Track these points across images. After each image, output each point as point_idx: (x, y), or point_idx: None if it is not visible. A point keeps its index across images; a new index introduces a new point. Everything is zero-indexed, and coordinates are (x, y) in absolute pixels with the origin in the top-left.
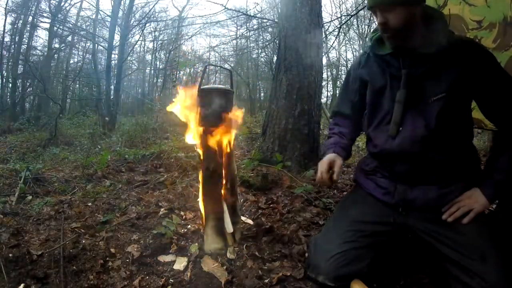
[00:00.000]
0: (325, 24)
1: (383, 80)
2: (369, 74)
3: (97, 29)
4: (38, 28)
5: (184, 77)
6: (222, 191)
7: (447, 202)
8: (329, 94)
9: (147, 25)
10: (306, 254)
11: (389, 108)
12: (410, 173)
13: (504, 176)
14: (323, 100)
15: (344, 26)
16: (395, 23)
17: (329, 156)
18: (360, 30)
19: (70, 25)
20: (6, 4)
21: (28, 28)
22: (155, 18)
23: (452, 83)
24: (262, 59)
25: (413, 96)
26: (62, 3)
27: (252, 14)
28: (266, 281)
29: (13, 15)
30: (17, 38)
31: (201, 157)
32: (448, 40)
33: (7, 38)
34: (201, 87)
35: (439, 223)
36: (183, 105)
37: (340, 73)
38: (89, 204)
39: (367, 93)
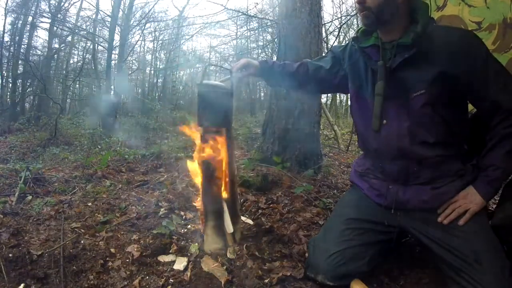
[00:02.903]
0: (325, 24)
1: (364, 75)
2: (352, 69)
3: (97, 29)
4: (38, 28)
5: (184, 77)
6: (222, 191)
7: (442, 203)
8: (329, 94)
9: (147, 25)
10: (306, 254)
11: (372, 102)
12: (402, 172)
13: (499, 173)
14: (323, 100)
15: (344, 26)
16: (373, 2)
17: (250, 60)
18: None
19: (70, 25)
20: (6, 4)
21: (28, 28)
22: (155, 18)
23: (433, 79)
24: (262, 59)
25: (394, 89)
26: (62, 3)
27: (252, 14)
28: (266, 281)
29: (13, 15)
30: (17, 38)
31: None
32: (425, 29)
33: (7, 38)
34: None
35: (434, 224)
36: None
37: None
38: (89, 204)
39: (349, 88)
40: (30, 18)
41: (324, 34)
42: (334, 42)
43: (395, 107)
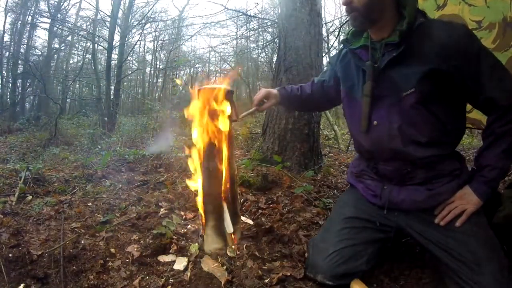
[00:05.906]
0: (325, 24)
1: (355, 75)
2: (343, 71)
3: (97, 29)
4: (38, 28)
5: (184, 77)
6: (222, 191)
7: (437, 204)
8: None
9: (147, 25)
10: (306, 254)
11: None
12: (396, 173)
13: (495, 173)
14: None
15: (345, 26)
16: (359, 2)
17: (270, 89)
18: None
19: (70, 25)
20: (6, 4)
21: (28, 28)
22: (154, 18)
23: (423, 77)
24: (262, 59)
25: (385, 88)
26: (62, 3)
27: (252, 14)
28: (266, 281)
29: (12, 15)
30: (17, 38)
31: (201, 157)
32: (411, 26)
33: (7, 38)
34: (200, 87)
35: (432, 225)
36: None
37: None
38: (89, 204)
39: (341, 90)
40: (29, 18)
41: (324, 34)
42: (334, 42)
43: (386, 107)
